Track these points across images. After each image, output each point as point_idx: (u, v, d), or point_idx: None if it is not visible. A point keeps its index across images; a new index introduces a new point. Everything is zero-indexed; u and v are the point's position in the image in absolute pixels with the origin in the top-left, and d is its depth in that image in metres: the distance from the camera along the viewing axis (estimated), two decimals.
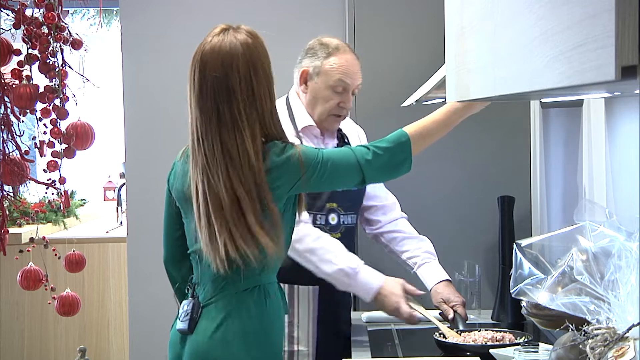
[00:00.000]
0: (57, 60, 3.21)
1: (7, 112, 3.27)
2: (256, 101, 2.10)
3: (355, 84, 2.64)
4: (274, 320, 2.17)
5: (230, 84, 2.09)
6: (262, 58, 2.15)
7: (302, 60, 2.69)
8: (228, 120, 2.08)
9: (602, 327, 1.71)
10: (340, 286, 2.53)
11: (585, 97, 2.26)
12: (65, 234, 4.69)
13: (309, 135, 2.65)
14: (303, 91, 2.67)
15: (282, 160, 2.09)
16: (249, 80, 2.10)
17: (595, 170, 2.39)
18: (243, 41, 2.14)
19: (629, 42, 1.04)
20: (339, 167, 2.14)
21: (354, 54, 2.67)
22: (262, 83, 2.12)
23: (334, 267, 2.50)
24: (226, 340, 2.11)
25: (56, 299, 3.47)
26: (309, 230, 2.53)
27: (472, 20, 1.96)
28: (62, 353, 4.71)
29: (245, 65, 2.11)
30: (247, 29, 2.18)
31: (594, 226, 1.93)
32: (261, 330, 2.13)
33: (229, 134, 2.08)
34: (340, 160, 2.15)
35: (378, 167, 2.18)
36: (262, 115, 2.11)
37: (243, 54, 2.12)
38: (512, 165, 3.17)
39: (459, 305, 2.58)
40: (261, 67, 2.14)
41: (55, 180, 3.32)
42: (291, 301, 2.58)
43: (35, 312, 4.66)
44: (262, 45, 2.17)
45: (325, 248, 2.51)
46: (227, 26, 2.18)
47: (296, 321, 2.59)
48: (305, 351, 2.57)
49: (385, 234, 2.80)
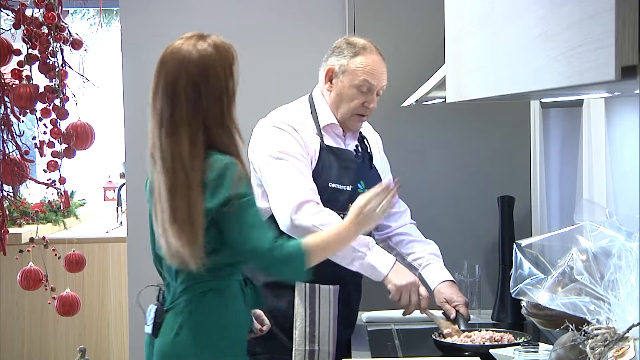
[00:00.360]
0: (57, 60, 3.21)
1: (7, 112, 3.27)
2: (202, 108, 2.15)
3: (381, 84, 2.63)
4: (233, 321, 2.22)
5: (178, 89, 2.16)
6: (219, 67, 2.18)
7: (328, 59, 2.66)
8: (169, 123, 2.15)
9: (602, 327, 1.71)
10: (353, 259, 2.46)
11: (585, 97, 2.27)
12: (65, 234, 4.69)
13: (330, 133, 2.64)
14: (328, 89, 2.65)
15: (215, 182, 2.13)
16: (197, 86, 2.15)
17: (595, 170, 2.39)
18: (201, 49, 2.18)
19: (629, 42, 1.04)
20: (244, 224, 2.14)
21: (380, 55, 2.65)
22: (213, 92, 2.16)
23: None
24: (185, 343, 2.18)
25: (56, 299, 3.47)
26: (319, 206, 2.50)
27: (472, 21, 1.97)
28: (62, 353, 4.71)
29: (195, 71, 2.16)
30: (215, 38, 2.22)
31: (594, 226, 1.93)
32: (218, 331, 2.20)
33: (169, 137, 2.15)
34: (251, 221, 2.14)
35: (269, 261, 2.17)
36: (207, 123, 2.15)
37: (196, 60, 2.16)
38: (512, 165, 3.17)
39: (462, 305, 2.58)
40: (215, 75, 2.17)
41: (55, 180, 3.32)
42: (312, 300, 2.57)
43: (35, 312, 4.66)
44: (223, 56, 2.20)
45: (336, 217, 2.48)
46: (196, 33, 2.23)
47: (317, 320, 2.57)
48: (326, 350, 2.56)
49: (394, 237, 2.80)
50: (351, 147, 2.68)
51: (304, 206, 2.46)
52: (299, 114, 2.64)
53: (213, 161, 2.14)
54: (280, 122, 2.60)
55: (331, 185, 2.58)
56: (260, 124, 2.66)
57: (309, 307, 2.57)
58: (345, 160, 2.63)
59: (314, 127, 2.62)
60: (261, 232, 2.15)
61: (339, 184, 2.60)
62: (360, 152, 2.70)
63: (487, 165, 3.18)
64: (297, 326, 2.55)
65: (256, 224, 2.16)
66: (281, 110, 2.67)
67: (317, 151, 2.59)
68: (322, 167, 2.58)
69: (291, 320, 2.57)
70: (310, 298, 2.57)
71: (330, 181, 2.58)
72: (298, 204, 2.45)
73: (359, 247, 2.46)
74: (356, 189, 2.62)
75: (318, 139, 2.60)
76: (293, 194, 2.47)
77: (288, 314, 2.58)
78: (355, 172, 2.63)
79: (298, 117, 2.63)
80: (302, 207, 2.45)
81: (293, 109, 2.68)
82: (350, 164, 2.64)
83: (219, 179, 2.13)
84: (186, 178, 2.12)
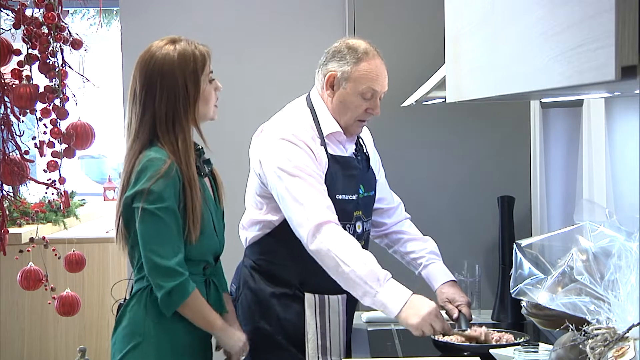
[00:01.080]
0: (57, 60, 3.21)
1: (7, 112, 3.27)
2: (154, 108, 2.28)
3: (384, 89, 2.57)
4: (157, 322, 2.29)
5: (136, 88, 2.30)
6: (177, 72, 2.28)
7: (328, 64, 2.57)
8: (128, 120, 2.32)
9: (602, 327, 1.71)
10: (364, 294, 2.35)
11: (585, 97, 2.26)
12: (65, 234, 4.68)
13: (333, 141, 2.58)
14: (329, 95, 2.57)
15: (137, 174, 2.25)
16: (153, 87, 2.27)
17: (595, 170, 2.39)
18: (164, 52, 2.29)
19: (629, 42, 1.04)
20: (144, 233, 2.24)
21: (381, 58, 2.57)
22: (168, 95, 2.27)
23: (366, 268, 2.35)
24: (119, 341, 2.34)
25: (56, 299, 3.47)
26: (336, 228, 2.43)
27: (472, 21, 1.97)
28: (62, 353, 4.71)
29: (153, 72, 2.28)
30: (184, 45, 2.32)
31: (594, 226, 1.93)
32: (142, 330, 2.30)
33: (129, 134, 2.31)
34: (154, 231, 2.23)
35: (157, 276, 2.24)
36: (157, 124, 2.28)
37: (155, 61, 2.28)
38: (512, 165, 3.18)
39: (464, 305, 2.58)
40: (171, 77, 2.27)
41: (55, 180, 3.32)
42: (322, 311, 2.56)
43: (35, 312, 4.66)
44: (185, 62, 2.29)
45: (352, 246, 2.41)
46: (171, 38, 2.34)
47: (328, 332, 2.55)
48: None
49: (391, 234, 2.79)
50: (350, 151, 2.64)
51: (322, 228, 2.38)
52: (304, 123, 2.55)
53: (144, 155, 2.25)
54: (291, 136, 2.49)
55: (338, 197, 2.52)
56: (266, 135, 2.56)
57: (319, 319, 2.55)
58: (349, 169, 2.59)
59: (317, 134, 2.55)
60: (160, 246, 2.23)
61: (345, 195, 2.55)
62: (359, 155, 2.67)
63: (487, 165, 3.18)
64: (310, 338, 2.54)
65: (157, 234, 2.23)
66: (287, 120, 2.57)
67: (327, 163, 2.53)
68: (330, 179, 2.52)
69: (299, 330, 2.56)
70: (320, 309, 2.56)
71: (337, 193, 2.53)
72: (316, 225, 2.38)
73: (370, 281, 2.33)
74: (359, 195, 2.61)
75: (324, 150, 2.54)
76: (311, 215, 2.39)
77: (297, 324, 2.57)
78: (357, 178, 2.61)
79: (305, 128, 2.54)
80: (320, 229, 2.38)
81: (297, 117, 2.58)
82: (353, 172, 2.60)
83: (139, 172, 2.24)
84: (127, 177, 2.28)
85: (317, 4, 3.78)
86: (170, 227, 2.22)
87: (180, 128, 2.28)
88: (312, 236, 2.38)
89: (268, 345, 2.57)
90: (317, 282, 2.54)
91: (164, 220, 2.21)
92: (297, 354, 2.56)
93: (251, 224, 2.63)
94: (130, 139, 2.31)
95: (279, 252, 2.58)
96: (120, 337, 2.33)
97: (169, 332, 2.29)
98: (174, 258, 2.21)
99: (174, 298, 2.23)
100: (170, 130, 2.28)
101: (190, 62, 2.29)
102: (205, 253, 2.37)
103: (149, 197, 2.21)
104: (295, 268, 2.56)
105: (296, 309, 2.57)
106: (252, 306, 2.61)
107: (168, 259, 2.21)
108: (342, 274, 2.36)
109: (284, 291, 2.58)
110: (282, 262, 2.59)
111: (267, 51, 3.78)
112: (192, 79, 2.29)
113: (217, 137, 3.83)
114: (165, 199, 2.21)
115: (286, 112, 2.63)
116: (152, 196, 2.21)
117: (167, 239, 2.22)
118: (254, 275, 2.62)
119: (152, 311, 2.29)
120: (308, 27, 3.76)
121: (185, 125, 2.29)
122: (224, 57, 3.74)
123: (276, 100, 2.78)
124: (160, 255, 2.21)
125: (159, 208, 2.21)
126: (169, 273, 2.21)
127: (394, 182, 2.86)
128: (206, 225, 2.32)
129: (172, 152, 2.26)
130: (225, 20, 3.78)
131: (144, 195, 2.21)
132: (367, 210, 2.66)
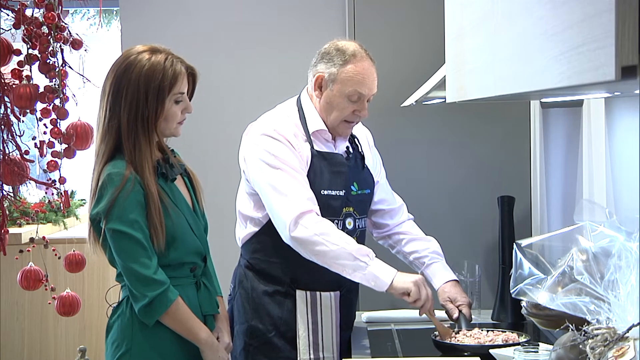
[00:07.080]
0: (57, 60, 3.21)
1: (7, 112, 3.27)
2: (121, 112, 2.27)
3: (371, 93, 2.57)
4: (144, 330, 2.29)
5: (106, 87, 2.31)
6: (142, 81, 2.27)
7: (317, 65, 2.59)
8: (97, 123, 2.33)
9: (602, 327, 1.71)
10: (354, 269, 2.41)
11: (585, 97, 2.27)
12: (65, 234, 4.68)
13: (320, 139, 2.60)
14: (317, 96, 2.59)
15: (99, 191, 2.26)
16: (121, 91, 2.27)
17: (595, 170, 2.39)
18: (139, 58, 2.29)
19: (629, 42, 1.04)
20: (118, 251, 2.26)
21: (370, 60, 2.57)
22: (131, 103, 2.26)
23: (355, 245, 2.42)
24: (108, 348, 2.35)
25: (56, 299, 3.47)
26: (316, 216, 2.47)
27: (472, 21, 1.97)
28: (62, 353, 4.70)
29: (123, 77, 2.27)
30: (159, 57, 2.30)
31: (594, 226, 1.93)
32: (130, 338, 2.30)
33: (97, 135, 2.32)
34: (127, 247, 2.24)
35: (140, 285, 2.25)
36: (121, 126, 2.27)
37: (126, 67, 2.28)
38: (512, 165, 3.17)
39: (465, 306, 2.57)
40: (135, 86, 2.26)
41: (55, 180, 3.32)
42: (314, 308, 2.57)
43: (35, 312, 4.65)
44: (154, 73, 2.28)
45: (335, 229, 2.46)
46: (151, 47, 2.33)
47: (320, 328, 2.56)
48: (330, 357, 2.56)
49: (393, 235, 2.79)
50: (342, 149, 2.65)
51: (304, 217, 2.41)
52: (288, 120, 2.58)
53: (105, 169, 2.26)
54: (272, 131, 2.53)
55: (323, 192, 2.54)
56: (250, 132, 2.61)
57: (311, 316, 2.56)
58: (336, 165, 2.59)
59: (303, 133, 2.58)
60: (135, 260, 2.23)
61: (330, 190, 2.56)
62: (352, 153, 2.67)
63: (487, 165, 3.18)
64: (301, 335, 2.55)
65: (131, 249, 2.24)
66: (271, 118, 2.61)
67: (309, 158, 2.55)
68: (313, 174, 2.54)
69: (293, 328, 2.57)
70: (312, 306, 2.56)
71: (322, 188, 2.54)
72: (298, 214, 2.41)
73: (360, 256, 2.40)
74: (349, 192, 2.61)
75: (308, 145, 2.56)
76: (293, 204, 2.43)
77: (289, 322, 2.57)
78: (346, 175, 2.60)
79: (288, 124, 2.57)
80: (302, 217, 2.41)
81: (282, 115, 2.61)
82: (341, 168, 2.60)
83: (100, 190, 2.25)
84: (96, 181, 2.28)
85: (317, 4, 3.78)
86: (140, 240, 2.23)
87: (138, 138, 2.27)
88: (293, 225, 2.41)
89: (261, 343, 2.58)
90: (308, 280, 2.56)
91: (132, 235, 2.22)
92: (290, 351, 2.56)
93: (242, 222, 2.66)
94: (97, 141, 2.32)
95: (268, 250, 2.60)
96: (109, 344, 2.33)
97: (156, 339, 2.28)
98: (152, 267, 2.22)
99: (155, 307, 2.23)
100: (130, 138, 2.27)
101: (158, 78, 2.27)
102: (186, 255, 2.34)
103: (111, 217, 2.22)
104: (285, 265, 2.58)
105: (289, 307, 2.58)
106: (245, 305, 2.61)
107: (146, 269, 2.22)
108: (328, 253, 2.40)
109: (276, 289, 2.59)
110: (273, 260, 2.59)
111: (267, 51, 3.78)
112: (155, 94, 2.27)
113: (217, 137, 3.84)
114: (128, 214, 2.21)
115: (273, 110, 2.67)
116: (114, 215, 2.21)
117: (141, 251, 2.23)
118: (248, 273, 2.64)
119: (139, 319, 2.28)
120: (308, 27, 3.76)
121: (143, 136, 2.27)
122: (224, 57, 3.74)
123: (276, 100, 2.78)
124: (138, 267, 2.22)
125: (124, 224, 2.22)
126: (148, 283, 2.22)
127: (394, 182, 2.86)
128: (177, 228, 2.30)
129: (130, 161, 2.26)
130: (225, 21, 3.78)
131: (106, 216, 2.22)
132: (361, 208, 2.66)
